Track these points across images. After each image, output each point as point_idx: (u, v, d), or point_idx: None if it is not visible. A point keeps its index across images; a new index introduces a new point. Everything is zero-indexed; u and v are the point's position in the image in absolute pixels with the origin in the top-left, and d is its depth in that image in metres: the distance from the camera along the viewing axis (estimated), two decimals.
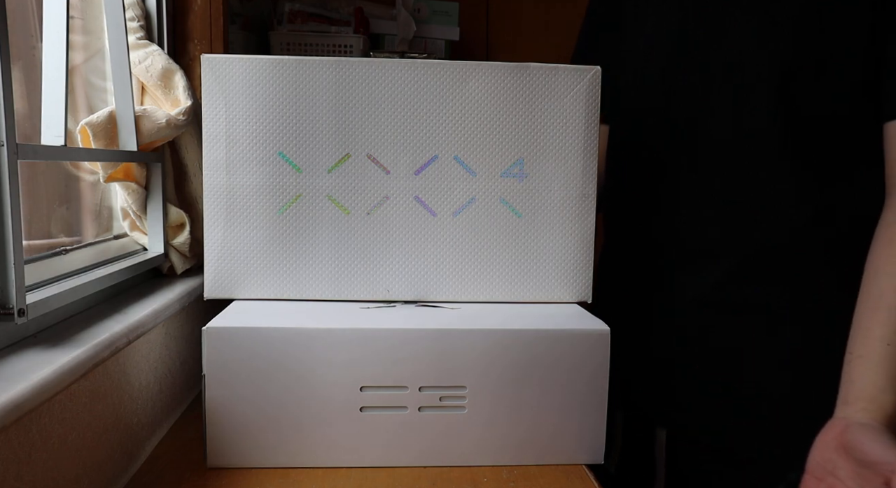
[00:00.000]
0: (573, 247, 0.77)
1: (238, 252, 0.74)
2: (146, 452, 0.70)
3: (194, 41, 0.94)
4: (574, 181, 0.76)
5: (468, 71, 0.74)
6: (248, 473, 0.65)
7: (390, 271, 0.76)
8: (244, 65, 0.72)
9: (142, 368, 0.70)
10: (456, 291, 0.77)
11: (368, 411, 0.66)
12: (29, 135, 0.67)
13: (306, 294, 0.75)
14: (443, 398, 0.67)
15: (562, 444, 0.68)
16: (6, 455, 0.46)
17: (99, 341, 0.58)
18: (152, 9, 0.89)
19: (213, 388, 0.64)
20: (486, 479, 0.65)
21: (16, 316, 0.53)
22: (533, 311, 0.73)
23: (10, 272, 0.53)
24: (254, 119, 0.73)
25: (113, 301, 0.73)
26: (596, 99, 0.75)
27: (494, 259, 0.76)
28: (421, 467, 0.67)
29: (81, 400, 0.57)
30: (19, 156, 0.53)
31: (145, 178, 0.84)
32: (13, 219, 0.52)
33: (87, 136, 0.75)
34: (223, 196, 0.74)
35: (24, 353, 0.54)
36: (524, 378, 0.67)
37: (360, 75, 0.73)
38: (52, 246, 0.71)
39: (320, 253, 0.75)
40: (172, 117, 0.82)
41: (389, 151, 0.74)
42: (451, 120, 0.74)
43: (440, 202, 0.75)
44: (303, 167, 0.74)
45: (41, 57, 0.65)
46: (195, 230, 0.88)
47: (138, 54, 0.83)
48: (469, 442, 0.68)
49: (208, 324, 0.65)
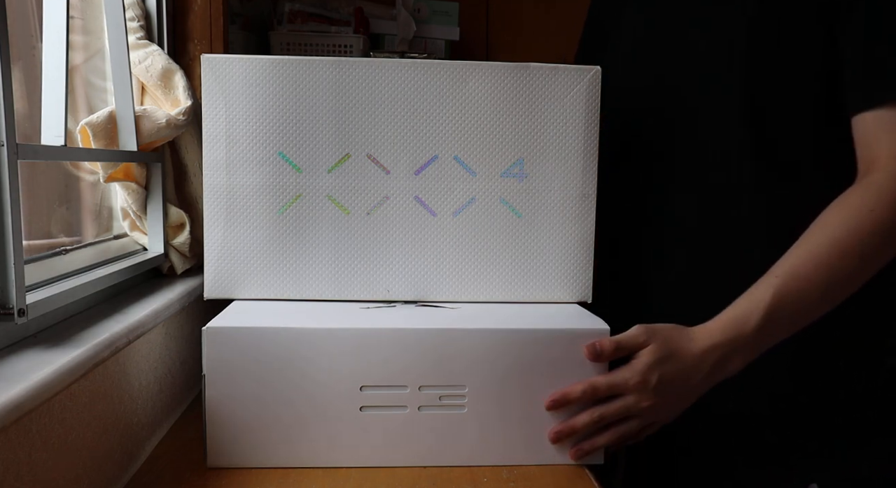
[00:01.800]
0: (573, 247, 0.77)
1: (238, 252, 0.74)
2: (146, 452, 0.70)
3: (194, 41, 0.94)
4: (574, 181, 0.76)
5: (468, 71, 0.74)
6: (248, 473, 0.65)
7: (390, 271, 0.76)
8: (244, 65, 0.72)
9: (142, 368, 0.70)
10: (456, 291, 0.77)
11: (368, 411, 0.66)
12: (29, 135, 0.67)
13: (306, 294, 0.75)
14: (442, 397, 0.67)
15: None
16: (6, 455, 0.46)
17: (99, 341, 0.58)
18: (152, 9, 0.89)
19: (213, 388, 0.64)
20: (486, 479, 0.65)
21: (16, 316, 0.53)
22: (533, 311, 0.73)
23: (10, 272, 0.53)
24: (254, 119, 0.73)
25: (113, 301, 0.73)
26: (596, 99, 0.75)
27: (494, 259, 0.76)
28: (421, 467, 0.67)
29: (81, 400, 0.57)
30: (19, 156, 0.53)
31: (145, 178, 0.84)
32: (13, 219, 0.52)
33: (87, 136, 0.75)
34: (223, 196, 0.74)
35: (24, 353, 0.54)
36: (524, 378, 0.67)
37: (360, 75, 0.73)
38: (52, 246, 0.71)
39: (320, 253, 0.75)
40: (172, 117, 0.82)
41: (389, 151, 0.74)
42: (450, 120, 0.74)
43: (440, 202, 0.75)
44: (303, 167, 0.74)
45: (41, 57, 0.65)
46: (195, 230, 0.88)
47: (138, 54, 0.83)
48: (469, 442, 0.68)
49: (208, 324, 0.65)
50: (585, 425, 0.65)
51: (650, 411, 0.65)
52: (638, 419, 0.65)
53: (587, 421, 0.65)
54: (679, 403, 0.67)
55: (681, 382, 0.65)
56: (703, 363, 0.65)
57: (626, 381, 0.64)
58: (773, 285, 0.65)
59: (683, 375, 0.65)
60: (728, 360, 0.65)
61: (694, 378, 0.65)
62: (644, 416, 0.65)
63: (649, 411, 0.65)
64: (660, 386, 0.64)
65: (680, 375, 0.65)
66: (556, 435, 0.66)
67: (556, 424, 0.66)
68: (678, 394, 0.66)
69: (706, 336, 0.66)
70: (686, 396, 0.66)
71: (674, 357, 0.65)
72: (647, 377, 0.64)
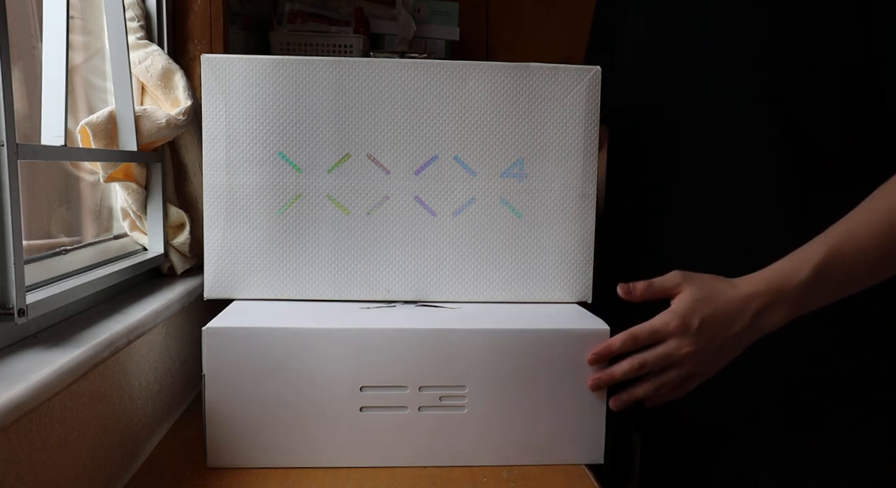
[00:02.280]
0: (573, 247, 0.77)
1: (238, 252, 0.74)
2: (146, 452, 0.70)
3: (194, 41, 0.94)
4: (574, 181, 0.76)
5: (468, 71, 0.74)
6: (248, 473, 0.65)
7: (390, 271, 0.76)
8: (244, 65, 0.72)
9: (142, 368, 0.70)
10: (456, 291, 0.77)
11: (368, 411, 0.66)
12: (29, 135, 0.67)
13: (306, 294, 0.75)
14: (443, 398, 0.67)
15: (562, 444, 0.68)
16: (6, 455, 0.46)
17: (99, 341, 0.58)
18: (152, 9, 0.89)
19: (213, 388, 0.64)
20: (486, 479, 0.65)
21: (16, 316, 0.53)
22: (533, 311, 0.73)
23: (10, 272, 0.53)
24: (254, 119, 0.73)
25: (113, 301, 0.73)
26: (596, 99, 0.75)
27: (494, 259, 0.76)
28: (421, 467, 0.67)
29: (81, 400, 0.57)
30: (19, 156, 0.53)
31: (145, 178, 0.84)
32: (13, 219, 0.52)
33: (87, 136, 0.75)
34: (223, 196, 0.74)
35: (24, 353, 0.54)
36: (524, 378, 0.67)
37: (360, 75, 0.73)
38: (52, 246, 0.71)
39: (320, 253, 0.75)
40: (172, 117, 0.82)
41: (389, 151, 0.74)
42: (450, 120, 0.74)
43: (440, 202, 0.75)
44: (303, 167, 0.74)
45: (41, 57, 0.65)
46: (195, 230, 0.88)
47: (138, 54, 0.83)
48: (469, 442, 0.68)
49: (208, 324, 0.65)
50: (625, 373, 0.64)
51: (691, 359, 0.63)
52: (678, 368, 0.64)
53: (627, 369, 0.64)
54: (721, 353, 0.64)
55: (722, 328, 0.63)
56: (745, 310, 0.63)
57: (666, 325, 0.62)
58: (826, 244, 0.63)
59: (725, 320, 0.63)
60: (771, 311, 0.63)
61: (736, 324, 0.63)
62: (685, 364, 0.64)
63: (691, 358, 0.63)
64: (701, 330, 0.62)
65: (721, 320, 0.63)
66: (596, 382, 0.65)
67: (596, 372, 0.65)
68: (721, 342, 0.63)
69: (749, 283, 0.64)
70: (728, 346, 0.64)
71: (714, 300, 0.63)
72: (687, 320, 0.62)
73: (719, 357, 0.65)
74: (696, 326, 0.62)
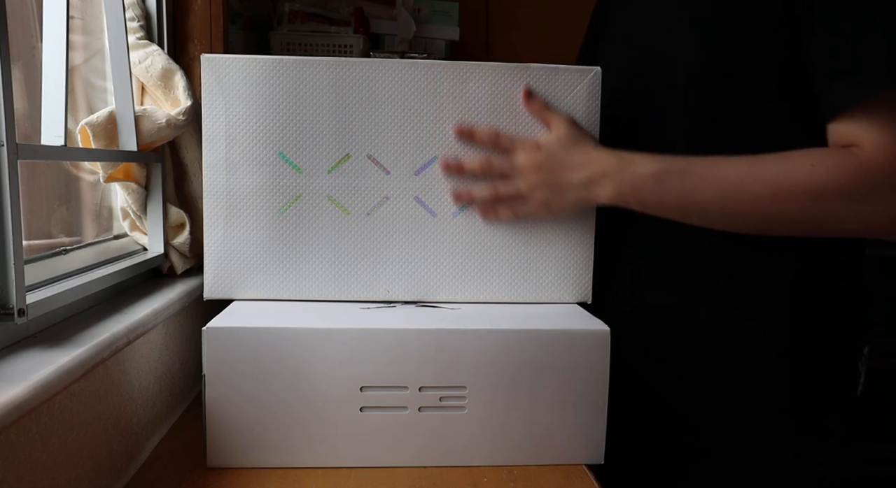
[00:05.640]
0: (573, 247, 0.77)
1: (238, 252, 0.74)
2: (146, 452, 0.70)
3: (194, 41, 0.94)
4: None
5: (468, 71, 0.74)
6: (248, 473, 0.65)
7: (390, 271, 0.76)
8: (244, 65, 0.72)
9: (142, 368, 0.70)
10: (456, 291, 0.77)
11: (368, 411, 0.66)
12: (29, 135, 0.67)
13: (306, 294, 0.75)
14: (443, 398, 0.67)
15: (561, 444, 0.68)
16: (6, 455, 0.46)
17: (99, 341, 0.58)
18: (152, 9, 0.89)
19: (213, 388, 0.64)
20: (486, 479, 0.65)
21: (16, 316, 0.53)
22: (533, 311, 0.73)
23: (10, 272, 0.53)
24: (254, 119, 0.73)
25: (113, 301, 0.73)
26: (596, 99, 0.75)
27: (494, 259, 0.76)
28: (421, 467, 0.67)
29: (81, 400, 0.57)
30: (19, 156, 0.54)
31: (145, 178, 0.84)
32: (13, 219, 0.52)
33: (87, 136, 0.75)
34: (223, 196, 0.74)
35: (24, 353, 0.54)
36: (524, 378, 0.67)
37: (360, 75, 0.73)
38: (52, 246, 0.71)
39: (320, 253, 0.75)
40: (172, 117, 0.82)
41: (389, 151, 0.74)
42: (451, 120, 0.74)
43: (440, 202, 0.75)
44: (303, 167, 0.74)
45: (41, 57, 0.65)
46: (195, 230, 0.88)
47: (138, 54, 0.83)
48: (469, 443, 0.68)
49: (208, 324, 0.65)
50: (473, 168, 0.74)
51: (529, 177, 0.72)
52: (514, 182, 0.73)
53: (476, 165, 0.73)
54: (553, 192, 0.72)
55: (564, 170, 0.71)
56: (587, 167, 0.70)
57: (524, 143, 0.72)
58: (686, 160, 0.68)
59: (570, 164, 0.71)
60: (603, 182, 0.70)
61: (576, 174, 0.71)
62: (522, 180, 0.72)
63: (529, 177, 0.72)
64: (548, 161, 0.71)
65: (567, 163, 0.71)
66: (456, 197, 0.75)
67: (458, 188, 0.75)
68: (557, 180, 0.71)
69: (607, 152, 0.71)
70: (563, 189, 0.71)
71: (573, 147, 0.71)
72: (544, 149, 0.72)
73: (552, 196, 0.72)
74: (545, 156, 0.71)
